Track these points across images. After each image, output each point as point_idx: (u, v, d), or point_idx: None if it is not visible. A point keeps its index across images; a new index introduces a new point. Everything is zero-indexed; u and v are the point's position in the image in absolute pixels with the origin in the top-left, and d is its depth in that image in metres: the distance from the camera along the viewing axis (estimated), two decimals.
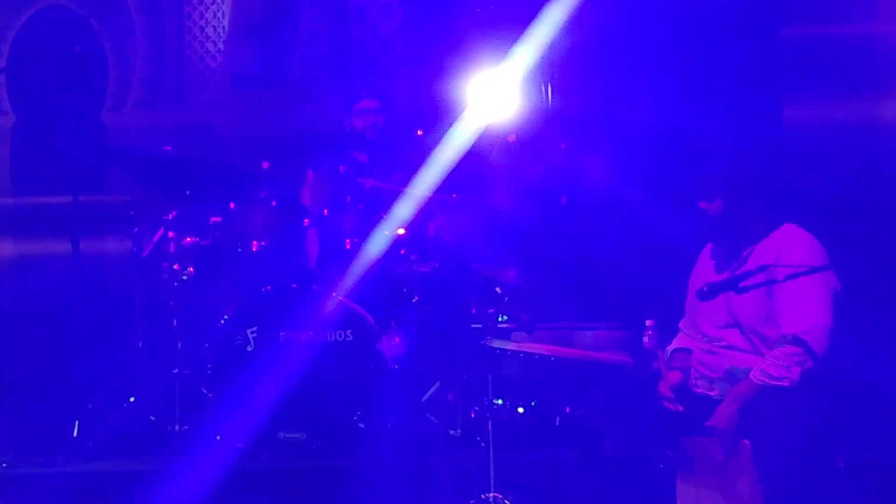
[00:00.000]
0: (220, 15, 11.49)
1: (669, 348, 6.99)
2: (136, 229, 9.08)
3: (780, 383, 6.47)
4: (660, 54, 10.04)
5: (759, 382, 6.52)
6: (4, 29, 11.64)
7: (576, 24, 9.69)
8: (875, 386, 7.13)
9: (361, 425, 8.49)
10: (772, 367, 6.51)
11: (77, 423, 8.80)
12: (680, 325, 7.10)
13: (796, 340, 6.52)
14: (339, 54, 11.39)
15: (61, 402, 9.10)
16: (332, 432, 8.53)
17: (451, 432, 8.06)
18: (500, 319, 7.46)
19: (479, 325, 7.63)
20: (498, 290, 7.84)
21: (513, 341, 7.19)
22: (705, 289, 6.73)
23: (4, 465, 8.61)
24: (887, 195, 9.32)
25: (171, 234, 8.92)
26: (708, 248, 7.03)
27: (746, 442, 6.55)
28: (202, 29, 11.54)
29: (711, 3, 10.09)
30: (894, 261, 6.80)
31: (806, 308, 6.56)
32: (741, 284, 6.60)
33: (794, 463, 6.49)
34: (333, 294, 8.64)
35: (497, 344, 7.24)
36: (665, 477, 6.95)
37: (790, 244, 6.71)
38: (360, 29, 11.40)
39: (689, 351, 6.94)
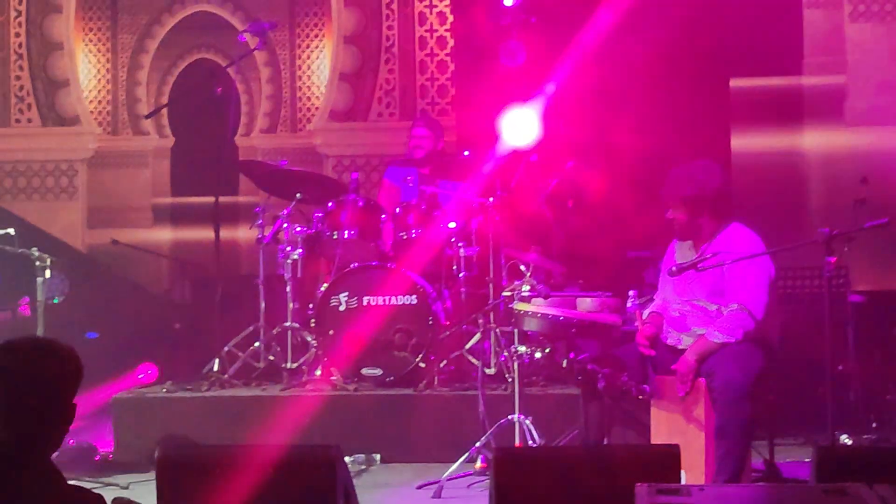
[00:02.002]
0: (321, 66, 11.45)
1: (646, 311, 6.96)
2: (260, 221, 9.02)
3: (727, 340, 6.50)
4: (641, 96, 10.01)
5: (713, 339, 6.53)
6: (167, 74, 11.64)
7: (578, 76, 9.68)
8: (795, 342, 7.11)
9: (422, 365, 8.48)
10: (721, 329, 6.57)
11: (216, 360, 8.81)
12: (654, 295, 7.07)
13: (740, 308, 6.54)
14: (406, 96, 11.36)
15: (206, 347, 9.10)
16: (401, 370, 8.52)
17: (487, 371, 8.00)
18: (523, 289, 7.45)
19: (509, 293, 7.61)
20: (522, 267, 7.82)
21: (532, 305, 7.14)
22: (674, 269, 6.73)
23: (165, 390, 8.68)
24: (806, 199, 9.28)
25: (285, 224, 8.90)
26: (674, 242, 7.00)
27: (702, 380, 6.56)
28: (309, 76, 11.50)
29: (680, 60, 10.04)
30: (815, 250, 6.73)
31: (748, 284, 6.59)
32: (700, 265, 6.60)
33: (737, 396, 6.48)
34: (403, 269, 8.63)
35: (521, 307, 7.22)
36: (642, 405, 6.94)
37: (736, 237, 6.74)
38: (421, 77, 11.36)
39: (660, 314, 6.91)
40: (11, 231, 7.90)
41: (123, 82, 11.69)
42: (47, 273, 7.79)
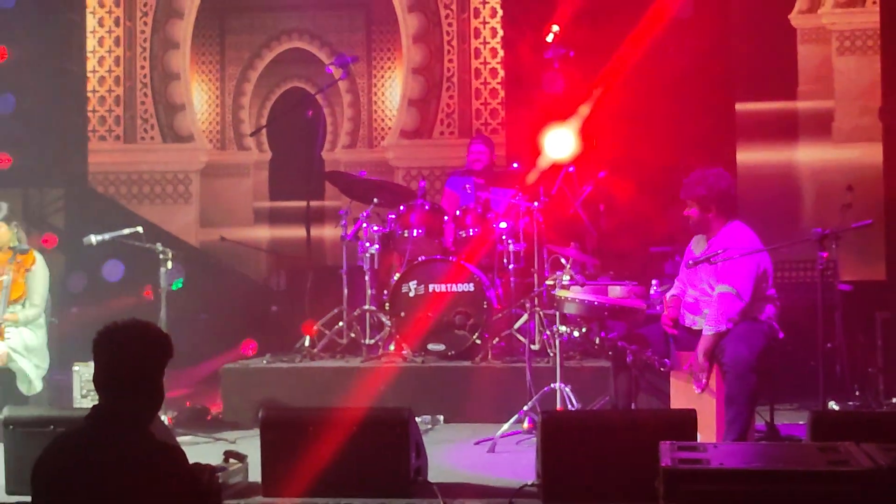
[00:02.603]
0: (393, 93, 11.47)
1: (668, 296, 6.94)
2: (343, 222, 9.03)
3: (717, 331, 6.48)
4: (661, 117, 9.99)
5: (708, 334, 6.51)
6: (265, 100, 11.68)
7: (607, 100, 9.68)
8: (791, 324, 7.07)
9: (478, 341, 8.48)
10: (710, 322, 6.54)
11: (307, 337, 8.84)
12: (675, 281, 7.04)
13: (728, 290, 6.55)
14: (463, 118, 11.36)
15: (298, 326, 9.12)
16: (460, 345, 8.52)
17: (532, 346, 7.99)
18: (564, 278, 7.43)
19: (551, 282, 7.60)
20: (563, 260, 7.80)
21: (571, 292, 7.13)
22: (691, 262, 6.71)
23: (265, 361, 8.71)
24: (800, 204, 9.21)
25: (364, 224, 8.91)
26: (693, 237, 6.97)
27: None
28: (383, 101, 11.52)
29: (693, 87, 10.01)
30: (809, 247, 6.71)
31: (737, 272, 6.55)
32: (712, 259, 6.58)
33: (744, 369, 6.45)
34: (462, 262, 8.63)
35: (561, 293, 7.19)
36: (663, 376, 6.92)
37: (737, 234, 6.74)
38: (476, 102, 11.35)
39: (679, 298, 6.88)
40: (140, 229, 7.96)
41: (229, 106, 11.73)
42: (168, 264, 7.82)
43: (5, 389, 7.90)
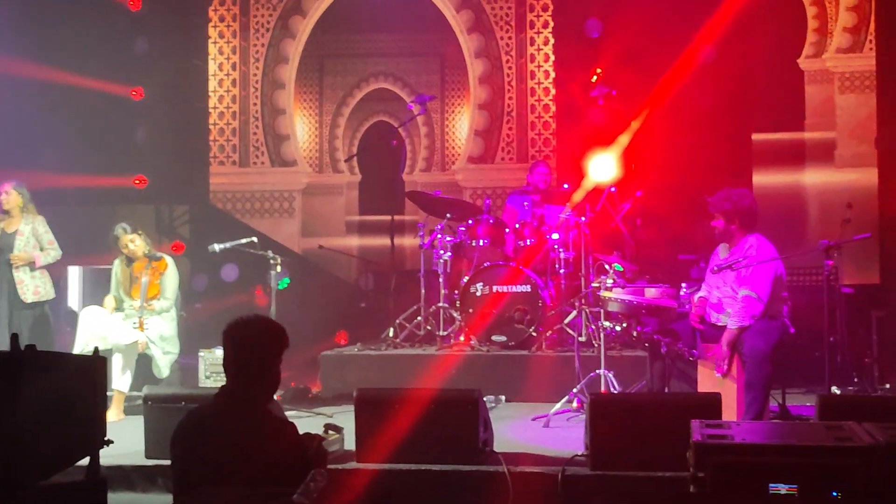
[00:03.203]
0: (462, 125, 11.50)
1: (696, 296, 6.89)
2: (421, 233, 9.05)
3: (741, 325, 6.41)
4: (689, 145, 9.94)
5: (732, 328, 6.45)
6: (356, 131, 11.74)
7: (643, 131, 9.65)
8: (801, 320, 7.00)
9: (534, 334, 8.47)
10: (734, 318, 6.46)
11: (391, 329, 8.88)
12: (703, 285, 6.99)
13: (749, 293, 6.47)
14: (521, 146, 11.34)
15: (383, 320, 9.16)
16: (519, 337, 8.51)
17: (580, 338, 7.95)
18: (607, 282, 7.40)
19: (597, 284, 7.57)
20: (607, 266, 7.77)
21: (613, 292, 7.10)
22: (716, 268, 6.65)
23: (356, 349, 8.75)
24: (807, 219, 9.11)
25: (439, 235, 8.91)
26: (717, 247, 6.92)
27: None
28: (453, 132, 11.55)
29: (716, 120, 9.97)
30: (816, 255, 6.67)
31: (757, 278, 6.48)
32: (734, 266, 6.52)
33: (760, 359, 6.39)
34: (520, 267, 8.63)
35: (605, 294, 7.16)
36: (692, 365, 6.87)
37: (756, 244, 6.66)
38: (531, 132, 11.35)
39: (705, 299, 6.83)
40: (255, 239, 8.04)
41: (326, 136, 11.80)
42: (278, 268, 7.91)
43: (144, 371, 8.01)
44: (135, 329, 7.82)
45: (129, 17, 11.30)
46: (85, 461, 4.37)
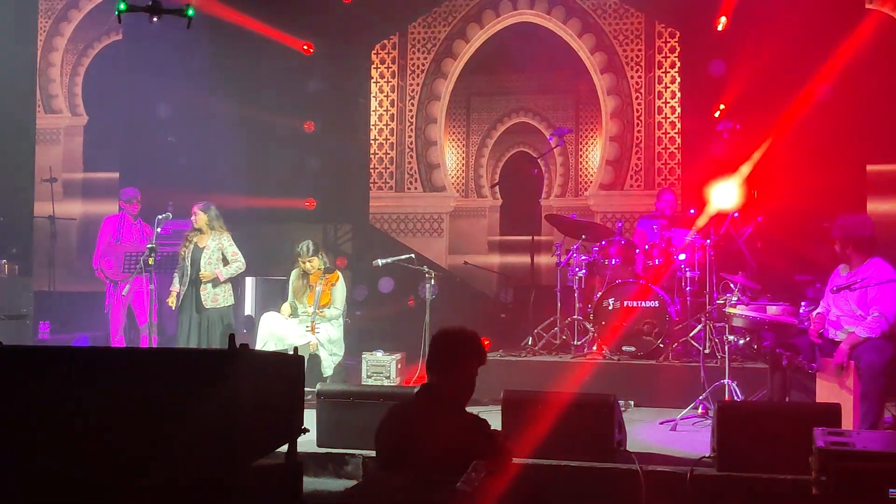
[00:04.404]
0: (594, 155, 11.51)
1: (815, 313, 6.77)
2: (558, 252, 9.06)
3: (870, 336, 6.27)
4: (808, 174, 9.76)
5: (860, 335, 6.31)
6: (499, 160, 11.83)
7: (764, 160, 9.52)
8: None
9: (661, 345, 8.37)
10: (866, 328, 6.30)
11: (529, 338, 8.92)
12: (821, 303, 6.86)
13: (880, 315, 6.29)
14: (648, 174, 11.28)
15: (522, 330, 9.19)
16: (648, 348, 8.39)
17: (705, 351, 7.87)
18: (732, 299, 7.31)
19: (722, 301, 7.49)
20: (732, 284, 7.69)
21: (738, 309, 7.03)
22: (835, 288, 6.54)
23: (499, 355, 8.79)
24: None
25: (574, 255, 8.94)
26: (837, 269, 6.79)
27: (852, 362, 6.35)
28: (586, 161, 11.57)
29: (835, 151, 9.76)
30: None
31: (885, 299, 6.32)
32: (853, 287, 6.39)
33: (876, 373, 6.25)
34: (649, 284, 8.57)
35: (730, 310, 7.08)
36: (811, 377, 6.74)
37: (876, 267, 6.50)
38: (658, 162, 11.28)
39: (824, 316, 6.70)
40: (413, 255, 8.22)
41: (472, 165, 11.98)
42: (431, 282, 8.07)
43: (310, 371, 8.24)
44: (307, 332, 8.09)
45: (303, 60, 11.73)
46: (284, 447, 4.58)
